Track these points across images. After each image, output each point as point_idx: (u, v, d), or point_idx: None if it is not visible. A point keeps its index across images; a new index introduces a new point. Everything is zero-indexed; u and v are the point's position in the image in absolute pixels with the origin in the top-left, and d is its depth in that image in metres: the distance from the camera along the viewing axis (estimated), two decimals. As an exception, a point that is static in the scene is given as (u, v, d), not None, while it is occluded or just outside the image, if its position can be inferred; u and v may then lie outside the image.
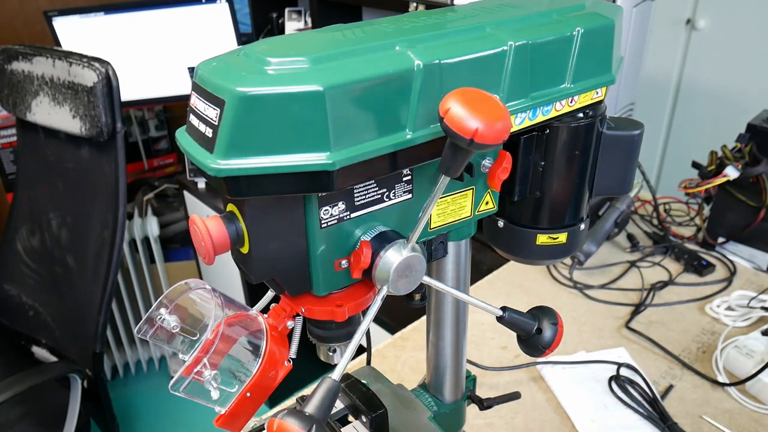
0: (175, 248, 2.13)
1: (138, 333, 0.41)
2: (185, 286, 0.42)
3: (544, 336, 0.48)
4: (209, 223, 0.38)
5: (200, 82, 0.36)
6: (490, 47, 0.40)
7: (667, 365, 0.93)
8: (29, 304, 1.55)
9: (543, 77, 0.43)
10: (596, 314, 1.05)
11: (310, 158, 0.34)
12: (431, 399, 0.65)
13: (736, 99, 1.87)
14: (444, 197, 0.46)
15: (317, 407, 0.37)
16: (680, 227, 1.28)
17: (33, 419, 1.38)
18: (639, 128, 0.49)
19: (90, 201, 1.41)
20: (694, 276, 1.13)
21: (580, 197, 0.51)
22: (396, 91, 0.36)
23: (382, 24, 0.42)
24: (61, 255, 1.47)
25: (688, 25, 1.94)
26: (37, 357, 1.54)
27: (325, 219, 0.39)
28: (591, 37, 0.44)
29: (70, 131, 1.33)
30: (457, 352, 0.62)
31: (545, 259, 0.53)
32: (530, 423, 0.84)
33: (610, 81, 0.46)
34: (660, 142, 2.14)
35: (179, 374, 0.40)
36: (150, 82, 1.90)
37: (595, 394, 0.87)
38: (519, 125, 0.43)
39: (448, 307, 0.59)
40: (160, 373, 2.26)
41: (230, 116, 0.33)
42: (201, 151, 0.35)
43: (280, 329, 0.45)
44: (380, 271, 0.41)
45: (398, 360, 0.96)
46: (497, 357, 0.96)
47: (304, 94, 0.33)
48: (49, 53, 1.32)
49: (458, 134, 0.32)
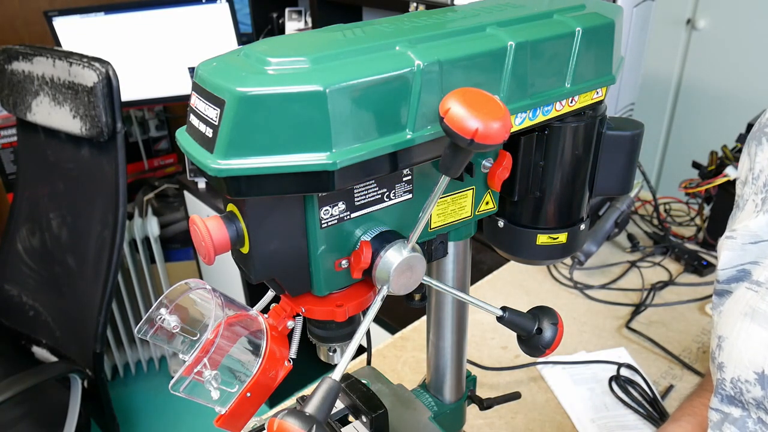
0: (176, 248, 2.13)
1: (138, 333, 0.41)
2: (185, 286, 0.42)
3: (545, 336, 0.48)
4: (209, 223, 0.38)
5: (200, 82, 0.36)
6: (490, 47, 0.40)
7: (668, 365, 0.93)
8: (29, 304, 1.55)
9: (543, 77, 0.43)
10: (596, 314, 1.05)
11: (310, 158, 0.34)
12: (431, 399, 0.65)
13: (737, 99, 1.87)
14: (444, 197, 0.46)
15: (317, 407, 0.37)
16: (680, 227, 1.28)
17: (33, 419, 1.38)
18: (639, 128, 0.49)
19: (90, 201, 1.41)
20: (694, 276, 1.13)
21: (580, 197, 0.51)
22: (396, 91, 0.36)
23: (382, 24, 0.42)
24: (62, 255, 1.47)
25: (689, 25, 1.94)
26: (37, 357, 1.54)
27: (325, 219, 0.39)
28: (591, 37, 0.44)
29: (71, 131, 1.33)
30: (457, 352, 0.62)
31: (545, 259, 0.53)
32: (530, 423, 0.84)
33: (611, 81, 0.46)
34: (660, 142, 2.14)
35: (179, 374, 0.40)
36: (150, 82, 1.90)
37: (595, 394, 0.87)
38: (519, 125, 0.43)
39: (448, 307, 0.59)
40: (161, 373, 2.25)
41: (230, 116, 0.33)
42: (201, 151, 0.35)
43: (281, 329, 0.45)
44: (380, 271, 0.41)
45: (398, 360, 0.96)
46: (497, 357, 0.96)
47: (305, 94, 0.33)
48: (49, 53, 1.32)
49: (458, 134, 0.32)
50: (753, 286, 0.50)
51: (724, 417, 0.52)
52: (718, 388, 0.53)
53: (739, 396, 0.50)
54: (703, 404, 0.59)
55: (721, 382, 0.52)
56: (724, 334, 0.52)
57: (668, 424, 0.64)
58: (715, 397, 0.53)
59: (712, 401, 0.53)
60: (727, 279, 0.53)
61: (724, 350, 0.51)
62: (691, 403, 0.66)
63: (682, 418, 0.64)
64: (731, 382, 0.51)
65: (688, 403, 0.66)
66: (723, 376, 0.52)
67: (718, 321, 0.53)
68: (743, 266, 0.51)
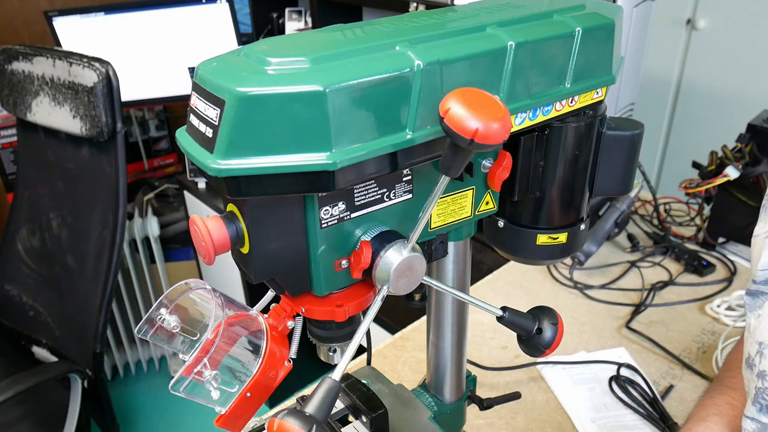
0: (176, 248, 2.13)
1: (138, 333, 0.41)
2: (185, 286, 0.42)
3: (545, 336, 0.48)
4: (209, 223, 0.38)
5: (200, 82, 0.36)
6: (490, 47, 0.40)
7: (668, 365, 0.93)
8: (29, 304, 1.55)
9: (543, 77, 0.43)
10: (596, 314, 1.05)
11: (310, 158, 0.34)
12: (431, 399, 0.65)
13: (737, 99, 1.87)
14: (444, 197, 0.46)
15: (317, 407, 0.37)
16: (680, 227, 1.28)
17: (33, 419, 1.38)
18: (639, 128, 0.49)
19: (90, 201, 1.41)
20: (694, 276, 1.13)
21: (580, 197, 0.51)
22: (396, 91, 0.36)
23: (382, 24, 0.42)
24: (62, 255, 1.47)
25: (689, 25, 1.94)
26: (37, 357, 1.54)
27: (325, 219, 0.39)
28: (591, 36, 0.44)
29: (71, 131, 1.33)
30: (457, 352, 0.62)
31: (545, 259, 0.53)
32: (530, 423, 0.84)
33: (610, 81, 0.46)
34: (660, 142, 2.14)
35: (179, 374, 0.40)
36: (150, 82, 1.90)
37: (595, 394, 0.87)
38: (519, 125, 0.43)
39: (448, 307, 0.59)
40: (161, 373, 2.26)
41: (230, 116, 0.33)
42: (201, 151, 0.35)
43: (281, 329, 0.45)
44: (380, 271, 0.41)
45: (398, 360, 0.96)
46: (497, 357, 0.96)
47: (305, 94, 0.33)
48: (49, 53, 1.32)
49: (458, 134, 0.32)
50: None
51: (762, 428, 0.50)
52: (758, 397, 0.50)
53: None
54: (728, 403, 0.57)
55: (763, 391, 0.49)
56: (766, 341, 0.49)
57: (694, 424, 0.61)
58: (753, 406, 0.51)
59: (748, 409, 0.51)
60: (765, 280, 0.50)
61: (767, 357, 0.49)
62: (715, 402, 0.62)
63: (708, 417, 0.61)
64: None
65: (711, 402, 0.63)
66: (765, 385, 0.49)
67: (757, 326, 0.50)
68: None
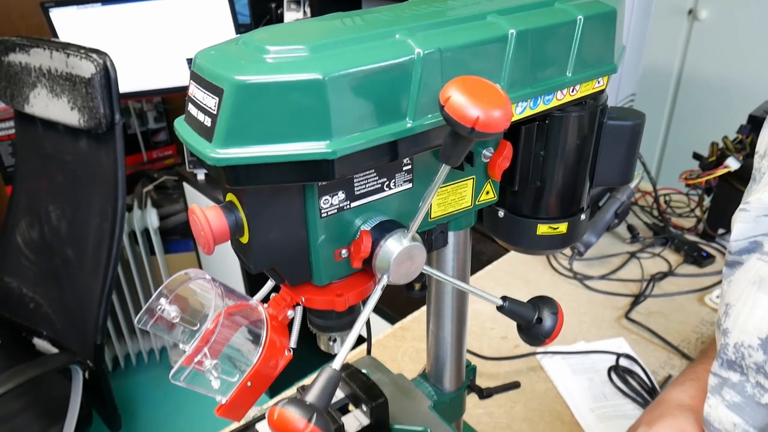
0: (175, 240, 2.13)
1: (138, 323, 0.41)
2: (185, 276, 0.42)
3: (545, 325, 0.48)
4: (209, 213, 0.38)
5: (198, 71, 0.36)
6: (490, 35, 0.39)
7: (666, 355, 0.93)
8: (30, 296, 1.55)
9: (544, 66, 0.43)
10: (596, 305, 1.05)
11: (310, 147, 0.34)
12: (431, 388, 0.65)
13: (738, 90, 1.87)
14: (444, 187, 0.46)
15: (318, 396, 0.37)
16: (680, 218, 1.28)
17: (35, 411, 1.39)
18: (640, 118, 0.49)
19: (89, 193, 1.40)
20: (693, 267, 1.13)
21: (580, 187, 0.50)
22: (396, 79, 0.36)
23: (381, 12, 0.42)
24: (61, 247, 1.47)
25: (690, 16, 1.93)
26: (38, 349, 1.54)
27: (325, 208, 0.39)
28: (593, 25, 0.43)
29: (69, 123, 1.33)
30: (457, 341, 0.62)
31: (545, 249, 0.53)
32: (530, 412, 0.84)
33: (612, 70, 0.46)
34: (661, 133, 2.14)
35: (180, 364, 0.40)
36: (148, 74, 1.89)
37: (594, 384, 0.88)
38: (520, 114, 0.43)
39: (448, 297, 0.59)
40: (161, 364, 2.26)
41: (229, 105, 0.33)
42: (200, 141, 0.35)
43: (281, 319, 0.45)
44: (380, 260, 0.41)
45: (398, 350, 0.96)
46: (497, 347, 0.96)
47: (304, 82, 0.33)
48: (46, 45, 1.31)
49: (459, 123, 0.32)
50: (764, 257, 0.51)
51: (723, 381, 0.53)
52: (720, 353, 0.54)
53: (740, 361, 0.51)
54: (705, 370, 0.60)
55: (725, 347, 0.53)
56: (731, 302, 0.52)
57: (671, 388, 0.65)
58: (716, 362, 0.54)
59: (713, 366, 0.55)
60: (738, 250, 0.53)
61: (731, 317, 0.52)
62: (694, 369, 0.66)
63: (685, 382, 0.65)
64: (734, 347, 0.52)
65: (690, 369, 0.67)
66: (727, 341, 0.53)
67: (727, 289, 0.54)
68: (755, 238, 0.52)
